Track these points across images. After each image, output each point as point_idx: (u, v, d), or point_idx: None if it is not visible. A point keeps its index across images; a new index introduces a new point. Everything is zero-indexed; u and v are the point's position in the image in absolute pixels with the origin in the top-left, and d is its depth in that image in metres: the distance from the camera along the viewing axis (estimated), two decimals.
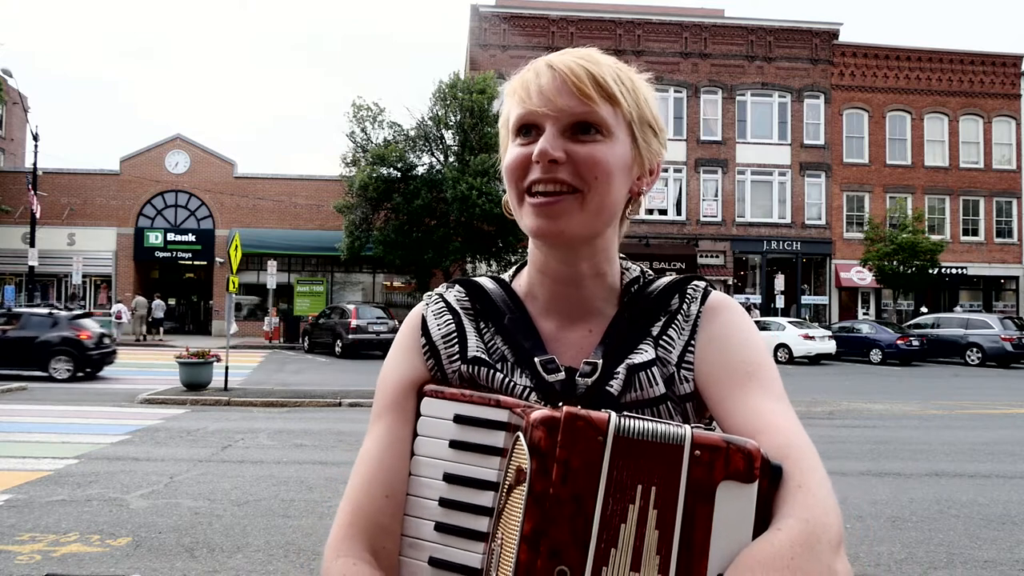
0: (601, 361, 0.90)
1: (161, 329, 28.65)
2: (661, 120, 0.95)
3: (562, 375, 0.89)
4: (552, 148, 0.86)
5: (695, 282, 0.97)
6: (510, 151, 0.91)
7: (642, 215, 1.03)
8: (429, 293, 1.02)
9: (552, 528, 0.70)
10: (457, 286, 1.00)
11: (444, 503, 0.84)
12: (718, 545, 0.70)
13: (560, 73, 0.87)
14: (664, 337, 0.93)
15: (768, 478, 0.72)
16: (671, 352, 0.92)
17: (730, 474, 0.70)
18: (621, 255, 1.01)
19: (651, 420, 0.74)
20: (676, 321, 0.94)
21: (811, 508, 0.72)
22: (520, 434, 0.76)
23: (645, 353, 0.91)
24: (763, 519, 0.71)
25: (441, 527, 0.84)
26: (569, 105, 0.86)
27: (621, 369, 0.90)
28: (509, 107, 0.93)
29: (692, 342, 0.92)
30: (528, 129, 0.89)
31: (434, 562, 0.84)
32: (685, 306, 0.95)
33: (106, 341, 16.78)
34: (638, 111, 0.91)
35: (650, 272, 1.02)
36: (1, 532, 5.14)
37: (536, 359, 0.90)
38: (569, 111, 0.86)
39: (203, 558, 4.67)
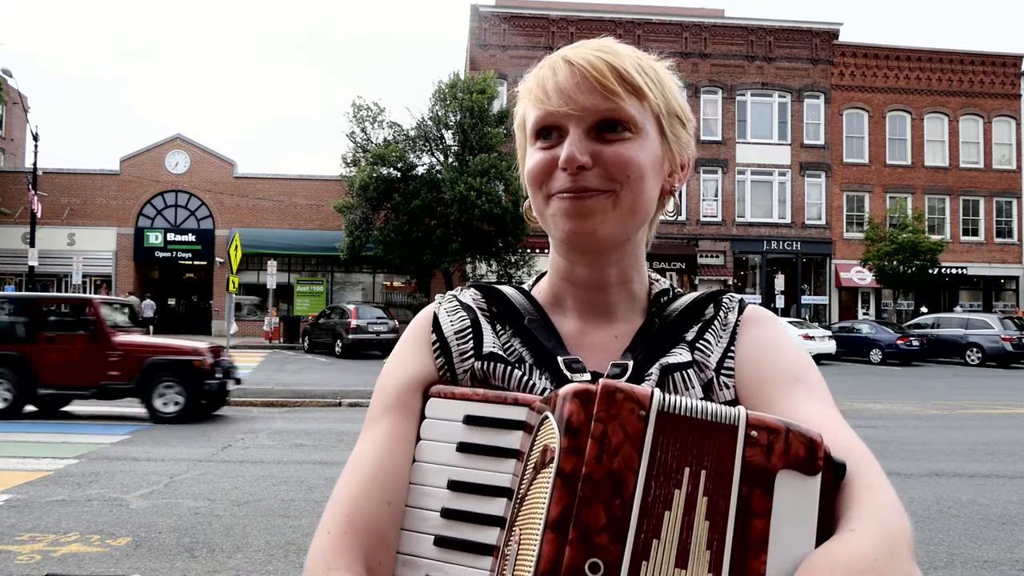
0: (631, 363, 0.83)
1: (151, 328, 28.62)
2: (688, 110, 0.89)
3: (587, 376, 0.82)
4: (579, 153, 0.79)
5: (729, 294, 0.93)
6: (531, 156, 0.85)
7: None
8: (442, 294, 0.95)
9: (584, 511, 0.60)
10: (473, 288, 0.95)
11: (447, 514, 0.76)
12: (777, 545, 0.61)
13: (579, 68, 0.80)
14: (700, 342, 0.87)
15: (832, 473, 0.64)
16: (709, 357, 0.86)
17: (790, 462, 0.62)
18: (650, 269, 0.96)
19: (699, 400, 0.66)
20: (712, 327, 0.88)
21: (885, 510, 0.65)
22: (548, 412, 0.68)
23: (680, 356, 0.85)
24: (825, 522, 0.63)
25: (442, 541, 0.75)
26: (592, 102, 0.79)
27: (654, 370, 0.83)
28: (525, 108, 0.86)
29: (732, 349, 0.87)
30: (549, 131, 0.83)
31: None
32: (721, 314, 0.90)
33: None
34: (665, 102, 0.85)
35: (679, 288, 0.97)
36: (1, 532, 5.13)
37: (559, 358, 0.84)
38: (593, 109, 0.80)
39: (203, 558, 4.67)
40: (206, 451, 8.11)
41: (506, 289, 0.94)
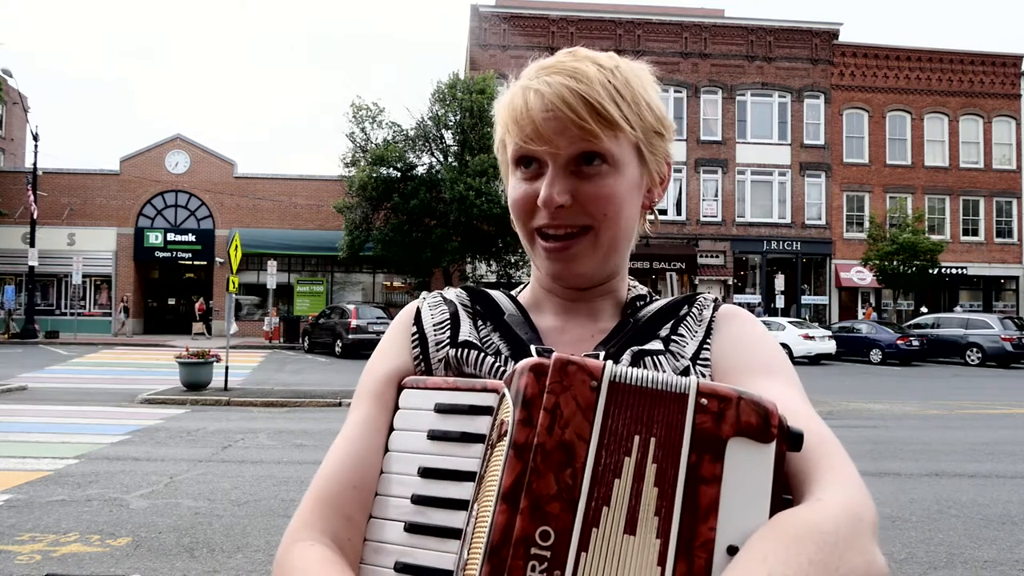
0: (603, 353, 0.84)
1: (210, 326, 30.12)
2: (665, 116, 0.88)
3: None
4: (557, 194, 0.81)
5: (704, 294, 0.96)
6: (513, 186, 0.87)
7: None
8: (428, 292, 0.99)
9: (536, 481, 0.61)
10: (459, 288, 0.98)
11: (417, 500, 0.77)
12: (729, 512, 0.61)
13: (552, 105, 0.80)
14: (674, 336, 0.89)
15: (788, 443, 0.64)
16: (684, 348, 0.88)
17: (742, 429, 0.62)
18: (630, 277, 0.99)
19: (652, 371, 0.67)
20: (686, 323, 0.90)
21: (849, 488, 0.66)
22: (505, 390, 0.68)
23: (653, 346, 0.88)
24: (781, 492, 0.63)
25: (413, 527, 0.76)
26: (568, 141, 0.81)
27: (626, 356, 0.85)
28: (502, 134, 0.88)
29: (708, 341, 0.89)
30: (528, 161, 0.84)
31: (401, 567, 0.75)
32: (696, 311, 0.92)
33: None
34: (641, 124, 0.84)
35: (656, 295, 1.00)
36: (1, 532, 5.13)
37: (532, 347, 0.84)
38: (568, 146, 0.81)
39: (203, 558, 4.67)
40: (206, 451, 8.10)
41: (492, 292, 0.97)
